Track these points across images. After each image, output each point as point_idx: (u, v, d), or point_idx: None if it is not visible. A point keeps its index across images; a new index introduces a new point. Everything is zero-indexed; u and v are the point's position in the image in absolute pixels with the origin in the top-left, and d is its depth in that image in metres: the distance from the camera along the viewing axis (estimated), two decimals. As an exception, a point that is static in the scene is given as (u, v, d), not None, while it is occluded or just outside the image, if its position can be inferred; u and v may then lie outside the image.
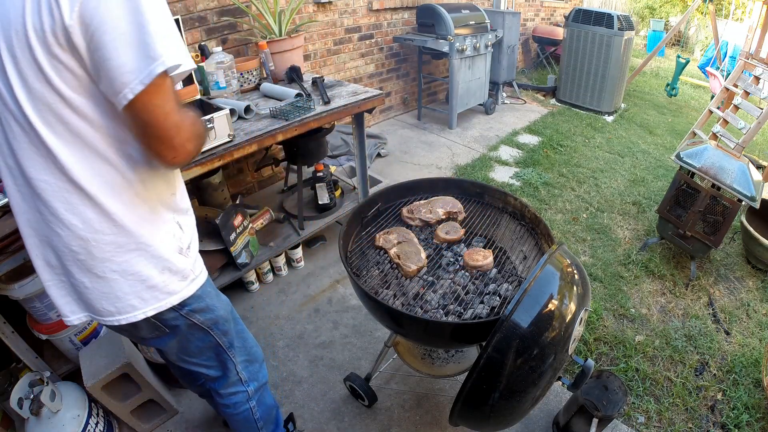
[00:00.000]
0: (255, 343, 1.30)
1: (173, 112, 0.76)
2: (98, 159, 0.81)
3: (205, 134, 0.87)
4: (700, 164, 2.30)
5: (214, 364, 1.17)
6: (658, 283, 2.45)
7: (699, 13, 8.13)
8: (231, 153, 1.70)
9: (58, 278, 0.91)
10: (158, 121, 0.75)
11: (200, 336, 1.08)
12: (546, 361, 1.04)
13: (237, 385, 1.23)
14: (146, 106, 0.73)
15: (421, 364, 1.68)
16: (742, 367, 1.94)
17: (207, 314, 1.06)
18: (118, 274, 0.89)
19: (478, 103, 4.54)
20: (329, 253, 2.64)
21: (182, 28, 1.72)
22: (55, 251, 0.87)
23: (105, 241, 0.86)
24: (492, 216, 1.64)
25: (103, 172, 0.82)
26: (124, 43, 0.69)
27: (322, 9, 3.31)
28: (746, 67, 3.00)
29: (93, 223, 0.84)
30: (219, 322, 1.10)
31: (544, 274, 1.08)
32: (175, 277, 0.96)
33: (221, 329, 1.11)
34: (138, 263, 0.90)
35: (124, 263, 0.89)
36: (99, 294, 0.90)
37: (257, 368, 1.29)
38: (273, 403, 1.39)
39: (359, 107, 2.16)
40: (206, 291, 1.05)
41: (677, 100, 5.88)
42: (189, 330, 1.04)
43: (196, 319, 1.04)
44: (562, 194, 3.30)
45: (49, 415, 1.39)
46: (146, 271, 0.91)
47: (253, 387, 1.27)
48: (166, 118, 0.75)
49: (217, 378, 1.20)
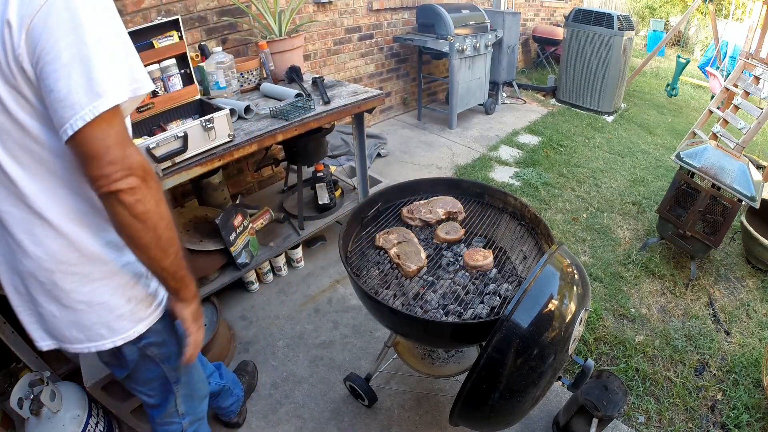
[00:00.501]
0: (202, 379, 1.28)
1: (116, 146, 0.71)
2: (62, 187, 0.78)
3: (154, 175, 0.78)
4: (700, 164, 2.30)
5: (156, 394, 1.16)
6: (658, 283, 2.45)
7: (699, 13, 8.12)
8: (231, 153, 1.70)
9: (27, 305, 0.89)
10: (99, 155, 0.70)
11: (151, 368, 1.06)
12: (546, 361, 1.04)
13: (173, 416, 1.21)
14: (87, 140, 0.69)
15: (421, 364, 1.68)
16: (742, 367, 1.94)
17: (162, 348, 1.04)
18: (84, 304, 0.87)
19: (478, 103, 4.54)
20: (329, 253, 2.64)
21: (182, 28, 1.72)
22: (22, 280, 0.86)
23: (70, 271, 0.83)
24: (492, 216, 1.64)
25: (67, 200, 0.79)
26: (67, 76, 0.66)
27: (322, 9, 3.31)
28: (746, 67, 3.00)
29: (57, 255, 0.81)
30: (172, 358, 1.08)
31: (544, 274, 1.08)
32: (142, 305, 0.94)
33: (172, 364, 1.10)
34: (104, 293, 0.88)
35: (90, 293, 0.86)
36: (67, 322, 0.88)
37: (197, 404, 1.27)
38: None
39: (359, 107, 2.16)
40: (167, 322, 1.03)
41: (677, 100, 5.88)
42: (142, 362, 1.03)
43: (151, 352, 1.02)
44: (562, 194, 3.30)
45: (49, 415, 1.39)
46: (113, 300, 0.89)
47: (188, 420, 1.25)
48: (107, 152, 0.70)
49: (155, 406, 1.19)
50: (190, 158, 1.60)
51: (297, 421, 1.72)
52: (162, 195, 0.80)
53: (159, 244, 0.80)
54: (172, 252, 0.84)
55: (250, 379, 1.81)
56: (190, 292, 0.94)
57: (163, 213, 0.79)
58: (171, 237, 0.82)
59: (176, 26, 1.71)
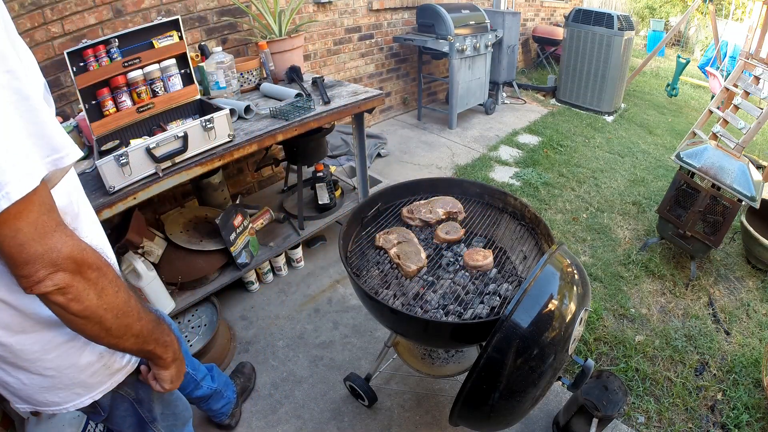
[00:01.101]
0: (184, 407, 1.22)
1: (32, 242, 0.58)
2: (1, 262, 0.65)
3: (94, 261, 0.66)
4: (700, 164, 2.30)
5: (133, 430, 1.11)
6: (658, 283, 2.45)
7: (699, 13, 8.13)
8: (231, 153, 1.70)
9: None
10: (12, 255, 0.58)
11: (125, 407, 1.01)
12: (546, 361, 1.04)
13: None
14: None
15: (421, 364, 1.68)
16: (742, 367, 1.94)
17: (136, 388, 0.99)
18: (54, 370, 0.78)
19: (478, 103, 4.54)
20: (329, 253, 2.64)
21: (182, 28, 1.72)
22: None
23: (30, 341, 0.73)
24: (492, 216, 1.64)
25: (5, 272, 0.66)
26: None
27: (322, 9, 3.31)
28: (746, 67, 3.00)
29: (11, 325, 0.71)
30: (144, 400, 1.02)
31: (544, 274, 1.08)
32: (116, 356, 0.86)
33: (146, 407, 1.05)
34: (72, 355, 0.78)
35: (57, 358, 0.77)
36: (39, 389, 0.80)
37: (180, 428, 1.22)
38: None
39: (359, 107, 2.16)
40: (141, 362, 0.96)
41: (677, 100, 5.88)
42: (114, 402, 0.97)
43: (124, 391, 0.96)
44: (562, 194, 3.30)
45: (49, 415, 1.39)
46: (83, 360, 0.80)
47: None
48: (21, 250, 0.58)
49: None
50: (190, 158, 1.60)
51: (297, 421, 1.72)
52: (109, 280, 0.68)
53: (110, 334, 0.71)
54: (130, 336, 0.74)
55: (246, 381, 1.80)
56: (165, 359, 0.86)
57: (110, 303, 0.68)
58: (125, 325, 0.72)
59: (176, 26, 1.71)
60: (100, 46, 1.54)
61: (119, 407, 1.00)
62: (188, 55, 1.77)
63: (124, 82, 1.59)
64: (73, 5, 1.93)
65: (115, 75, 1.56)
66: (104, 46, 1.55)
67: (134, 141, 1.55)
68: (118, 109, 1.60)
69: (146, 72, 1.64)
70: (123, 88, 1.59)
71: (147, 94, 1.66)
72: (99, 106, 1.57)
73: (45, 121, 0.60)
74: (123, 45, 1.60)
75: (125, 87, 1.60)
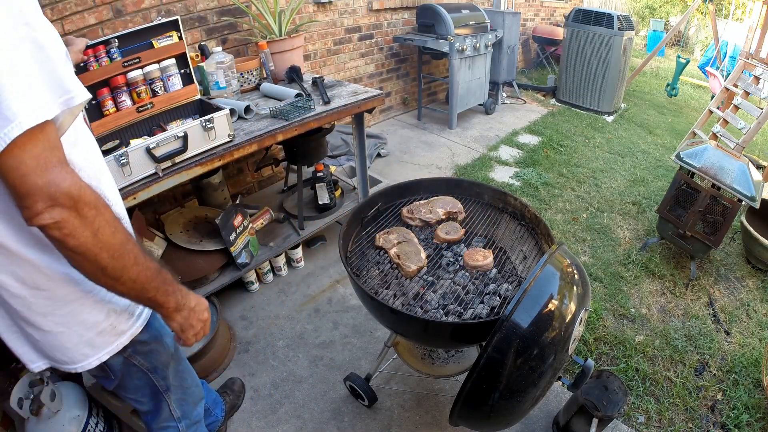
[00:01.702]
0: (195, 383, 1.27)
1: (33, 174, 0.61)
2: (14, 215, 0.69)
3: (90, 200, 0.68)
4: (700, 164, 2.30)
5: (148, 401, 1.15)
6: (658, 283, 2.45)
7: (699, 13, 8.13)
8: (231, 153, 1.70)
9: (11, 328, 0.86)
10: (14, 186, 0.61)
11: (139, 376, 1.06)
12: (546, 361, 1.04)
13: (169, 421, 1.21)
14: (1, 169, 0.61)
15: (421, 364, 1.68)
16: (742, 367, 1.94)
17: (149, 358, 1.04)
18: (63, 326, 0.84)
19: (478, 103, 4.54)
20: (329, 253, 2.64)
21: (182, 28, 1.72)
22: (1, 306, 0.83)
23: (42, 296, 0.79)
24: (492, 216, 1.64)
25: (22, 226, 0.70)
26: None
27: (322, 9, 3.31)
28: (746, 67, 3.00)
29: (26, 280, 0.76)
30: (158, 368, 1.07)
31: (544, 274, 1.08)
32: (122, 317, 0.91)
33: (161, 374, 1.09)
34: (81, 312, 0.84)
35: (67, 315, 0.83)
36: (50, 346, 0.86)
37: (192, 408, 1.26)
38: None
39: (359, 107, 2.16)
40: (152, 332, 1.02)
41: (677, 100, 5.88)
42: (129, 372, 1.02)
43: (138, 362, 1.01)
44: (562, 194, 3.30)
45: (49, 415, 1.39)
46: (91, 318, 0.86)
47: (185, 424, 1.24)
48: (23, 182, 0.61)
49: (150, 413, 1.18)
50: (190, 158, 1.60)
51: (297, 421, 1.72)
52: (106, 220, 0.70)
53: (105, 273, 0.72)
54: (127, 279, 0.75)
55: (235, 398, 1.77)
56: (168, 308, 0.86)
57: (105, 243, 0.70)
58: (121, 266, 0.73)
59: (176, 26, 1.71)
60: (100, 46, 1.55)
61: (133, 377, 1.04)
62: (188, 55, 1.77)
63: (124, 82, 1.59)
64: (73, 5, 1.93)
65: (115, 75, 1.56)
66: (104, 46, 1.55)
67: (134, 141, 1.55)
68: (118, 109, 1.60)
69: (146, 72, 1.64)
70: (123, 88, 1.60)
71: (147, 94, 1.67)
72: (99, 106, 1.57)
73: (58, 67, 0.65)
74: (123, 45, 1.60)
75: (125, 87, 1.60)
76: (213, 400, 1.58)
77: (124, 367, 1.00)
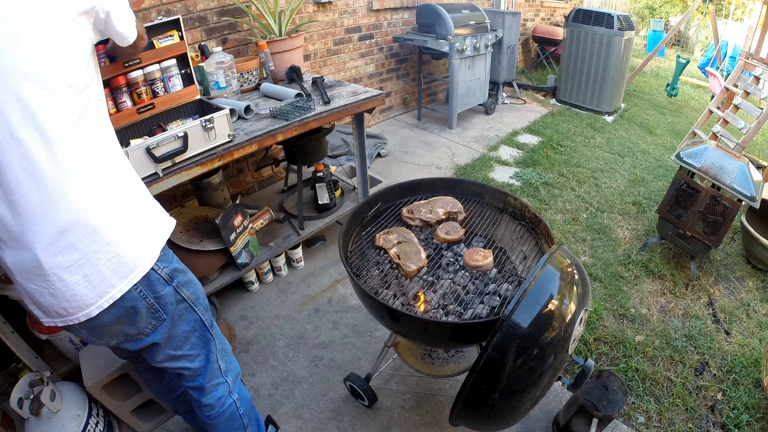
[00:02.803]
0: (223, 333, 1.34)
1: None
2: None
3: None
4: (700, 164, 2.30)
5: (200, 352, 1.19)
6: (658, 283, 2.45)
7: (699, 13, 8.13)
8: (231, 153, 1.70)
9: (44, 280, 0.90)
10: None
11: (187, 315, 1.12)
12: (546, 361, 1.05)
13: (218, 377, 1.24)
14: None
15: (421, 364, 1.68)
16: (742, 367, 1.94)
17: (191, 288, 1.12)
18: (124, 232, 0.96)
19: (478, 103, 4.54)
20: (329, 253, 2.64)
21: (182, 28, 1.72)
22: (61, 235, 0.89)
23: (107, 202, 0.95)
24: (492, 216, 1.64)
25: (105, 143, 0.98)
26: None
27: (322, 9, 3.31)
28: (746, 67, 3.00)
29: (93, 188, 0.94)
30: (200, 297, 1.15)
31: (544, 274, 1.08)
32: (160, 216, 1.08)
33: (203, 305, 1.16)
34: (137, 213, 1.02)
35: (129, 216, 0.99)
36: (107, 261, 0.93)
37: (231, 358, 1.31)
38: (250, 397, 1.40)
39: (359, 107, 2.16)
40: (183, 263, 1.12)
41: (677, 100, 5.88)
42: (178, 308, 1.09)
43: (184, 294, 1.09)
44: (562, 194, 3.30)
45: (49, 415, 1.39)
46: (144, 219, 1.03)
47: (231, 377, 1.29)
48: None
49: (201, 369, 1.20)
50: (190, 158, 1.60)
51: (297, 421, 1.72)
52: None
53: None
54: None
55: None
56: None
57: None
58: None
59: (177, 26, 1.71)
60: (100, 46, 1.54)
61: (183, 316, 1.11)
62: (188, 55, 1.76)
63: (125, 82, 1.59)
64: (73, 5, 1.92)
65: (116, 75, 1.56)
66: (104, 46, 1.55)
67: (134, 141, 1.55)
68: (119, 110, 1.60)
69: (146, 72, 1.64)
70: (123, 88, 1.59)
71: (147, 95, 1.66)
72: (99, 107, 1.56)
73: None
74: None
75: (125, 87, 1.60)
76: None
77: (174, 302, 1.07)
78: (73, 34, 0.87)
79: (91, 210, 0.90)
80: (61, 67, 0.85)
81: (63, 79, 0.85)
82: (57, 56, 0.84)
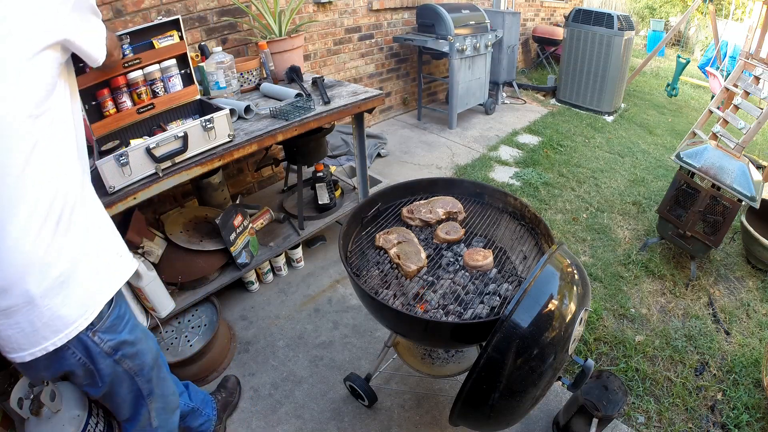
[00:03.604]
0: (173, 391, 1.29)
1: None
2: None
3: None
4: (700, 164, 2.30)
5: (128, 408, 1.18)
6: (658, 283, 2.45)
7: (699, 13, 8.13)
8: (231, 153, 1.70)
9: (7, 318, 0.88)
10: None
11: (126, 384, 1.10)
12: (546, 361, 1.04)
13: (146, 429, 1.23)
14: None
15: (421, 364, 1.68)
16: (742, 367, 1.94)
17: (136, 360, 1.09)
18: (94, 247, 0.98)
19: (478, 103, 4.54)
20: (329, 253, 2.64)
21: (182, 28, 1.72)
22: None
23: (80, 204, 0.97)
24: (492, 216, 1.64)
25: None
26: None
27: (322, 9, 3.31)
28: (746, 67, 3.00)
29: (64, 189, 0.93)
30: (145, 369, 1.12)
31: (544, 274, 1.08)
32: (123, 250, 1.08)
33: (146, 377, 1.13)
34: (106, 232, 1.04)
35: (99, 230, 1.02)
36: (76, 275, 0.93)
37: (169, 416, 1.28)
38: None
39: (359, 107, 2.16)
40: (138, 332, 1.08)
41: (677, 100, 5.88)
42: (117, 377, 1.06)
43: (126, 366, 1.06)
44: (562, 194, 3.30)
45: (49, 415, 1.39)
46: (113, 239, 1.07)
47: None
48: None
49: (128, 420, 1.20)
50: (190, 158, 1.60)
51: (297, 421, 1.72)
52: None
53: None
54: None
55: (228, 396, 1.75)
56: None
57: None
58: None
59: (177, 26, 1.71)
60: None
61: (121, 383, 1.09)
62: (188, 55, 1.76)
63: (125, 82, 1.59)
64: (73, 5, 1.92)
65: (115, 75, 1.56)
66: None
67: (134, 141, 1.55)
68: (119, 110, 1.60)
69: (146, 72, 1.64)
70: (123, 88, 1.59)
71: (147, 95, 1.66)
72: (99, 107, 1.56)
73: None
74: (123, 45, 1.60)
75: (125, 88, 1.60)
76: (202, 399, 1.56)
77: (113, 373, 1.05)
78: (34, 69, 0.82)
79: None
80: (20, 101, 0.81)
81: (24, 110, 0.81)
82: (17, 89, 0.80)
